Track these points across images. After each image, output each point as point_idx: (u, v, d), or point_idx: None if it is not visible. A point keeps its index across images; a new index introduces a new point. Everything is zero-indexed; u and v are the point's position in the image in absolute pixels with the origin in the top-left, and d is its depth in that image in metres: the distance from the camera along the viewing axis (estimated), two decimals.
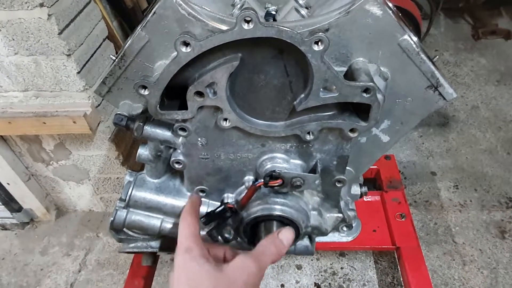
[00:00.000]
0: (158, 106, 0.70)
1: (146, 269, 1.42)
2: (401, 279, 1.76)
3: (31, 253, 2.03)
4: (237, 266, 0.61)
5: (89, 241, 2.07)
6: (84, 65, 1.57)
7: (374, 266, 1.92)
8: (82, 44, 1.55)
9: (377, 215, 1.91)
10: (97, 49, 1.67)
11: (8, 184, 1.94)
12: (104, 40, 1.73)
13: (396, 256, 1.83)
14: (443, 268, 1.87)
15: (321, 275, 1.90)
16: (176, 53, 0.64)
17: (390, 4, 1.04)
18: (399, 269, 1.78)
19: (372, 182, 2.17)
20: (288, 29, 0.61)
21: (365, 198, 1.80)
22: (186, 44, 0.62)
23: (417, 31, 2.08)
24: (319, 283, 1.88)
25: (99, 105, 1.67)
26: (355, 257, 1.96)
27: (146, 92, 0.68)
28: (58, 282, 1.91)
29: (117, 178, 1.98)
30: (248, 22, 0.60)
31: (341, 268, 1.92)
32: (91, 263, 1.98)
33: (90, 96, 1.60)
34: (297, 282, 1.88)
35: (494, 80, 2.92)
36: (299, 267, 1.94)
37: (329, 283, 1.87)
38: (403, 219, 1.85)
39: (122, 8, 2.09)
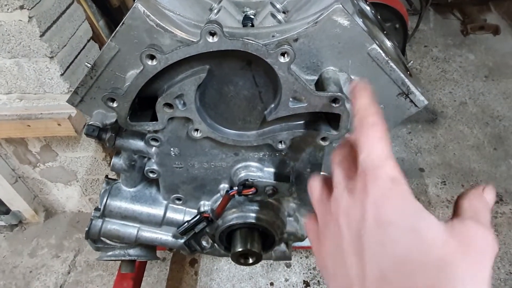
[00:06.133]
0: (128, 117, 0.70)
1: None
2: None
3: (20, 255, 2.03)
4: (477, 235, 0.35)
5: (78, 242, 2.07)
6: (68, 67, 1.56)
7: None
8: (65, 45, 1.54)
9: None
10: (81, 50, 1.66)
11: None
12: (88, 41, 1.71)
13: None
14: None
15: (310, 273, 1.91)
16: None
17: (368, 7, 1.04)
18: None
19: None
20: (254, 42, 0.60)
21: None
22: (152, 57, 0.62)
23: (403, 29, 2.08)
24: (308, 281, 1.89)
25: None
26: None
27: (115, 105, 0.67)
28: (47, 284, 1.91)
29: None
30: (212, 35, 0.59)
31: None
32: (81, 264, 1.98)
33: None
34: (286, 280, 1.90)
35: (482, 76, 2.93)
36: (288, 265, 1.95)
37: (318, 281, 1.89)
38: None
39: (108, 7, 2.07)
